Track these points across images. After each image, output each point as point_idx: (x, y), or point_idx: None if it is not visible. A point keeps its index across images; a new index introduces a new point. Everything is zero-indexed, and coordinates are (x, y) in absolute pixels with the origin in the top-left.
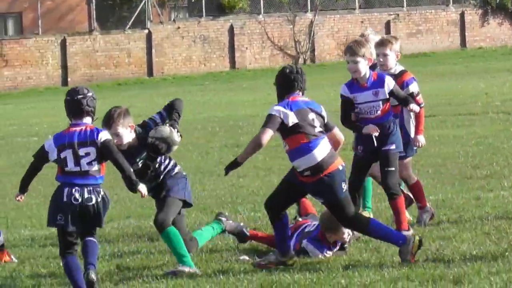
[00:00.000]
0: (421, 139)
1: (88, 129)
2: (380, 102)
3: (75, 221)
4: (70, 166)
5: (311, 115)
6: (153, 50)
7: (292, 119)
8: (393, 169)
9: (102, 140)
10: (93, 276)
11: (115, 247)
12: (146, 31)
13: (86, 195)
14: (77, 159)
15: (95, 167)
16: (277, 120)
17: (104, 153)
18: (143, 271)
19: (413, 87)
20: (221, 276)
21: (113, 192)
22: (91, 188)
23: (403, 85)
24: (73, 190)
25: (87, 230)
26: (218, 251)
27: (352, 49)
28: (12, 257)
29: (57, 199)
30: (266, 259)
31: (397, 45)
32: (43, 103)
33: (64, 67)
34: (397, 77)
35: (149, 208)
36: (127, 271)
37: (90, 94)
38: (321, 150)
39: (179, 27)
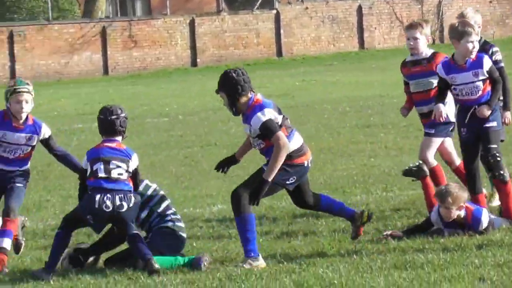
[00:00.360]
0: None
1: (121, 147)
2: (481, 82)
3: (103, 224)
4: (101, 175)
5: (278, 109)
6: (282, 31)
7: (277, 116)
8: (495, 146)
9: (134, 168)
10: (156, 265)
11: None
12: (274, 11)
13: (118, 202)
14: (107, 170)
15: (125, 177)
16: (276, 122)
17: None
18: (276, 250)
19: None
20: (355, 256)
21: (244, 172)
22: (122, 195)
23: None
24: (105, 197)
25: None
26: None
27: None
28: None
29: (89, 204)
30: (353, 232)
31: (428, 28)
32: (173, 84)
33: (193, 47)
34: (429, 60)
35: None
36: (261, 250)
37: (123, 115)
38: (295, 141)
39: (307, 8)
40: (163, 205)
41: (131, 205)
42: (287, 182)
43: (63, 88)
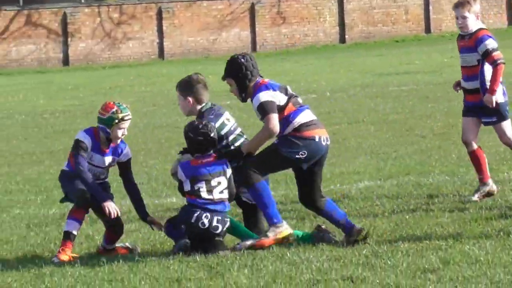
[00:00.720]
0: (489, 98)
1: (217, 160)
2: None
3: (193, 236)
4: (204, 195)
5: (289, 88)
6: (431, 7)
7: (282, 98)
8: None
9: (229, 175)
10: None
11: (394, 204)
12: None
13: (214, 223)
14: (210, 189)
15: (225, 195)
16: (275, 104)
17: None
18: (423, 227)
19: (489, 44)
20: (501, 233)
21: (392, 149)
22: (220, 217)
23: (476, 42)
24: (203, 215)
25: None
26: (498, 208)
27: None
28: (127, 245)
29: (186, 217)
30: (344, 241)
31: (477, 6)
32: (321, 60)
33: (342, 24)
34: (471, 35)
35: (428, 165)
36: (407, 227)
37: (216, 130)
38: (304, 116)
39: None
40: (238, 143)
41: (224, 229)
42: (297, 156)
43: (211, 65)
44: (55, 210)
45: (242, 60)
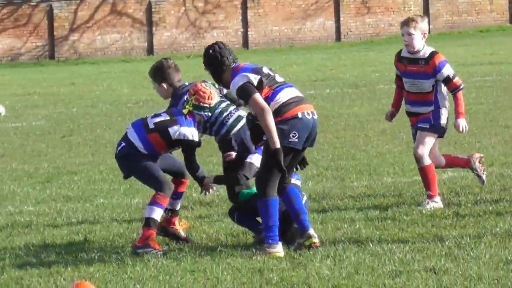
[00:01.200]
0: (462, 122)
1: None
2: None
3: None
4: None
5: (265, 69)
6: None
7: (254, 78)
8: None
9: None
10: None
11: (477, 195)
12: None
13: None
14: None
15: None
16: (251, 84)
17: None
18: (506, 219)
19: (447, 70)
20: None
21: (475, 139)
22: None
23: (435, 69)
24: None
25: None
26: None
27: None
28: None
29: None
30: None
31: (424, 23)
32: None
33: (426, 14)
34: (427, 60)
35: (511, 156)
36: (491, 219)
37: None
38: (281, 96)
39: None
40: (238, 126)
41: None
42: (291, 140)
43: (295, 54)
44: (138, 200)
45: (212, 52)
